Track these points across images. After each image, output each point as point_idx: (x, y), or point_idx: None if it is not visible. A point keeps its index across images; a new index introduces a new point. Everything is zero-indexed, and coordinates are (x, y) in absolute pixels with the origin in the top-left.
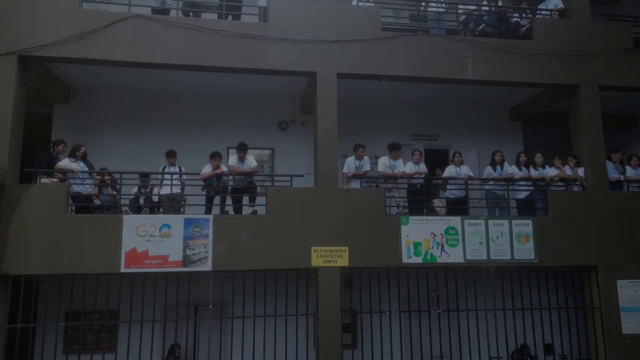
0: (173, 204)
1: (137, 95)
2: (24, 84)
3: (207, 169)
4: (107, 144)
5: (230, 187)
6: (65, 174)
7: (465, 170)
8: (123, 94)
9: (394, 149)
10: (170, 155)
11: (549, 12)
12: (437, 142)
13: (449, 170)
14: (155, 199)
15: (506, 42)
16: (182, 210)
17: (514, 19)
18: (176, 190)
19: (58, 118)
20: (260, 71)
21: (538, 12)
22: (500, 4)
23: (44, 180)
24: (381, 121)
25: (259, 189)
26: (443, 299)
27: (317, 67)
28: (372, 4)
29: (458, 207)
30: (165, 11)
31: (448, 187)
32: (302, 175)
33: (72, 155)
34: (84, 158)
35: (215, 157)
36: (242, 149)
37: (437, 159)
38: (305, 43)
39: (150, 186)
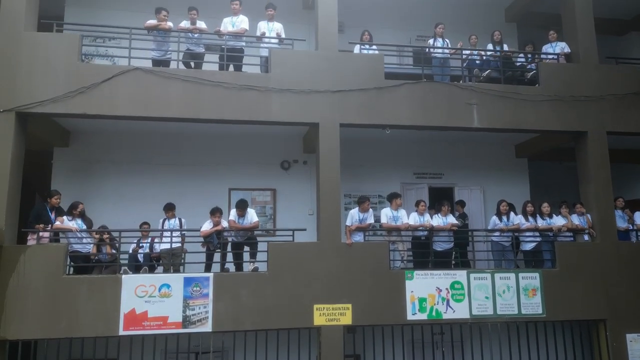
0: (173, 259)
1: (137, 137)
2: (22, 141)
3: (207, 226)
4: (107, 187)
5: (230, 242)
6: (59, 232)
7: (451, 220)
8: (123, 137)
9: (394, 199)
10: (169, 208)
11: (555, 57)
12: (442, 180)
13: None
14: (157, 247)
15: (512, 88)
16: (182, 263)
17: (519, 62)
18: (176, 243)
19: (58, 160)
20: (262, 122)
21: (544, 56)
22: (505, 47)
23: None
24: (384, 159)
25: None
26: (448, 353)
27: (319, 117)
28: (376, 51)
29: (445, 260)
30: (165, 61)
31: (435, 239)
32: (304, 229)
33: (69, 213)
34: (81, 215)
35: (216, 213)
36: (241, 206)
37: (441, 198)
38: (308, 93)
39: (150, 238)
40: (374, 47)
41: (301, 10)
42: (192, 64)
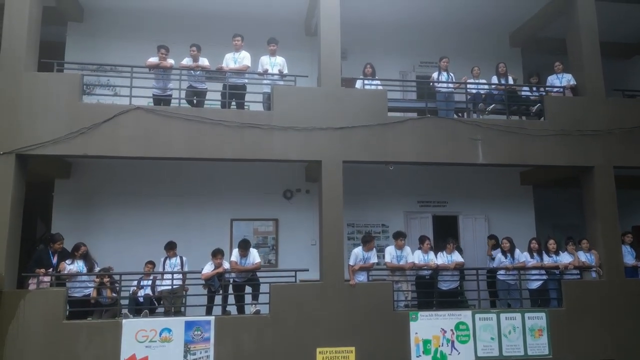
0: (174, 300)
1: (138, 168)
2: (22, 183)
3: (208, 268)
4: (108, 218)
5: (232, 282)
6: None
7: (456, 259)
8: (124, 168)
9: (399, 238)
10: (170, 247)
11: (561, 90)
12: (446, 209)
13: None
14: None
15: (517, 122)
16: (183, 304)
17: (525, 94)
18: (177, 283)
19: (59, 192)
20: (264, 160)
21: (550, 88)
22: (510, 80)
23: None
24: (388, 187)
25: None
26: None
27: (322, 155)
28: (379, 85)
29: (450, 300)
30: (167, 98)
31: (440, 278)
32: (307, 269)
33: (71, 255)
34: (84, 257)
35: (217, 254)
36: (244, 247)
37: (446, 226)
38: (310, 131)
39: (152, 277)
40: (377, 78)
41: (304, 37)
42: (195, 100)
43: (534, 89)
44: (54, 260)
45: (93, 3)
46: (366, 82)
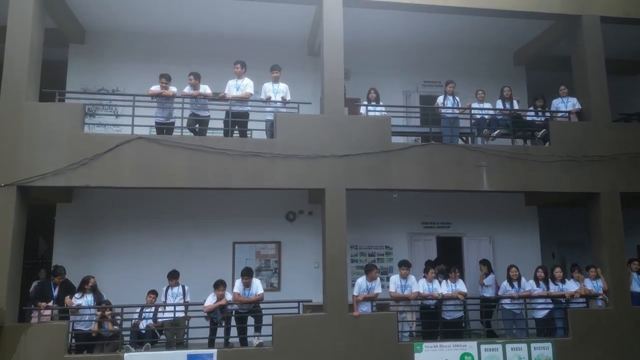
0: (176, 331)
1: (140, 192)
2: (23, 215)
3: (210, 300)
4: (110, 242)
5: (234, 314)
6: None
7: (460, 288)
8: (126, 191)
9: (403, 267)
10: (173, 276)
11: (566, 114)
12: (450, 230)
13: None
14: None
15: (522, 148)
16: (185, 334)
17: (530, 117)
18: (179, 312)
19: (60, 216)
20: (267, 189)
21: (554, 108)
22: (515, 104)
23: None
24: (391, 209)
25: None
26: None
27: (325, 183)
28: (384, 111)
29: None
30: (169, 126)
31: (444, 308)
32: (310, 300)
33: (81, 288)
34: (94, 290)
35: (219, 286)
36: (247, 275)
37: (450, 248)
38: (314, 159)
39: (154, 308)
40: (381, 104)
41: (306, 57)
42: (197, 128)
43: (539, 112)
44: (55, 292)
45: (95, 25)
46: (370, 107)
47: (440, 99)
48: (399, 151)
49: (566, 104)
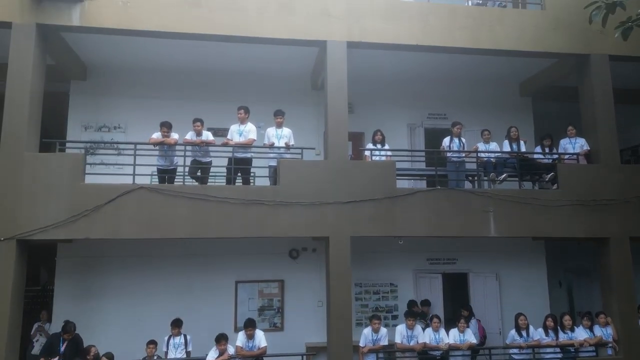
0: None
1: None
2: (23, 269)
3: (212, 355)
4: (111, 282)
5: None
6: None
7: (468, 337)
8: None
9: (410, 318)
10: (176, 325)
11: (574, 157)
12: (456, 266)
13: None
14: None
15: (530, 193)
16: None
17: (537, 156)
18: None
19: (61, 256)
20: (270, 237)
21: (562, 149)
22: (522, 145)
23: None
24: (397, 245)
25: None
26: None
27: (329, 231)
28: (388, 153)
29: None
30: (171, 172)
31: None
32: (314, 354)
33: (83, 359)
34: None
35: (221, 340)
36: (250, 325)
37: (456, 285)
38: (317, 206)
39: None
40: (386, 146)
41: (310, 91)
42: (199, 174)
43: (547, 153)
44: (62, 348)
45: (96, 61)
46: (375, 151)
47: (446, 141)
48: (405, 196)
49: (574, 145)
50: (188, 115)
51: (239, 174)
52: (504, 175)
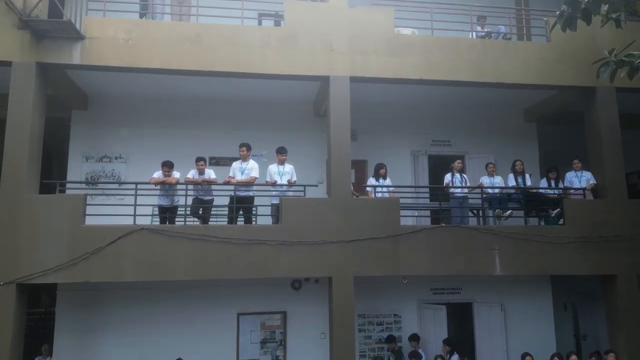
0: None
1: None
2: (23, 312)
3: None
4: (111, 317)
5: None
6: None
7: None
8: None
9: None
10: None
11: (581, 192)
12: (460, 296)
13: None
14: None
15: (535, 230)
16: None
17: (543, 186)
18: None
19: (62, 291)
20: (271, 277)
21: (568, 183)
22: (528, 179)
23: None
24: (399, 277)
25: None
26: None
27: (333, 271)
28: (391, 188)
29: None
30: (173, 208)
31: None
32: None
33: None
34: None
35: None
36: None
37: (460, 316)
38: (320, 245)
39: None
40: (388, 180)
41: (312, 118)
42: (201, 212)
43: (553, 186)
44: None
45: (98, 90)
46: (377, 185)
47: (447, 177)
48: (409, 234)
49: (580, 179)
50: (190, 144)
51: (241, 212)
52: (509, 212)
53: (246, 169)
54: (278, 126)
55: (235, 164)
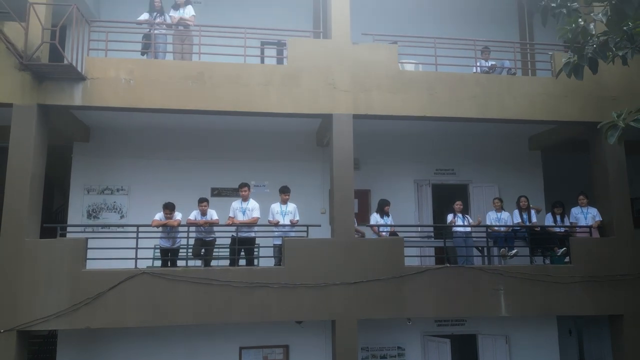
0: None
1: None
2: (23, 359)
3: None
4: (114, 354)
5: None
6: None
7: None
8: None
9: None
10: None
11: (587, 230)
12: (464, 328)
13: None
14: None
15: (542, 269)
16: None
17: (548, 222)
18: None
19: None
20: (274, 322)
21: (573, 219)
22: (533, 215)
23: None
24: None
25: None
26: None
27: (336, 314)
28: (395, 230)
29: None
30: (175, 250)
31: None
32: None
33: None
34: None
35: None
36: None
37: (465, 348)
38: (323, 287)
39: None
40: (391, 218)
41: (315, 147)
42: (203, 252)
43: (559, 221)
44: None
45: (99, 123)
46: (381, 223)
47: (450, 217)
48: (413, 275)
49: (586, 215)
50: (191, 175)
51: (242, 254)
52: (514, 251)
53: (247, 209)
54: (280, 156)
55: (235, 204)
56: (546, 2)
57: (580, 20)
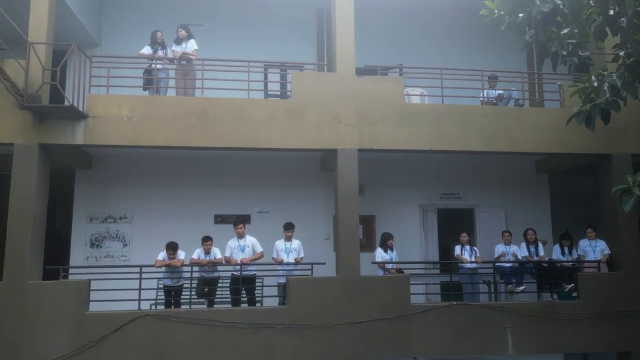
0: None
1: None
2: None
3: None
4: None
5: None
6: None
7: None
8: None
9: None
10: None
11: (595, 264)
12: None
13: None
14: None
15: (550, 306)
16: None
17: (556, 255)
18: None
19: None
20: None
21: (582, 253)
22: (541, 248)
23: None
24: None
25: None
26: None
27: (340, 356)
28: (401, 267)
29: None
30: (178, 289)
31: None
32: None
33: None
34: None
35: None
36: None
37: None
38: (328, 328)
39: None
40: (395, 254)
41: (319, 173)
42: (206, 290)
43: (567, 254)
44: None
45: (101, 151)
46: (386, 258)
47: (457, 249)
48: (419, 314)
49: (594, 249)
50: (195, 202)
51: (244, 293)
52: (522, 287)
53: (246, 246)
54: (284, 182)
55: (232, 242)
56: (556, 48)
57: (592, 78)
